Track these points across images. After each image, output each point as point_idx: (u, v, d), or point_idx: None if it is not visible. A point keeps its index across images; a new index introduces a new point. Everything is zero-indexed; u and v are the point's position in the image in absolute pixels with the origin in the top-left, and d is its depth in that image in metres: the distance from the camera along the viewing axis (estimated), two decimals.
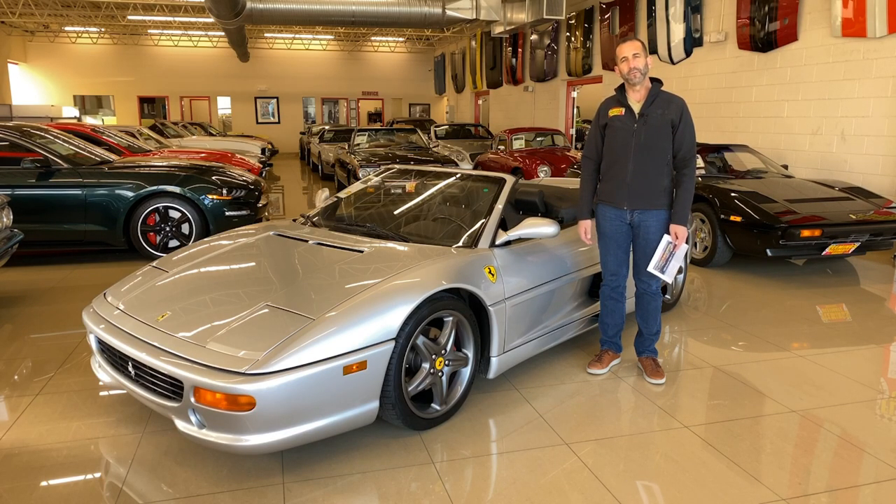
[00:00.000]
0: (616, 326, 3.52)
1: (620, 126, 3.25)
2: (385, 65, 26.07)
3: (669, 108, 3.20)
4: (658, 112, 3.20)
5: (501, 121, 18.77)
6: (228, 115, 24.76)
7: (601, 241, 3.43)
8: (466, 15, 11.62)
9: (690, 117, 3.24)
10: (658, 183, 3.23)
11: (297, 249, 3.26)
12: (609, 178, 3.33)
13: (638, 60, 3.15)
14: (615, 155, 3.28)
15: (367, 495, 2.38)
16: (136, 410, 3.04)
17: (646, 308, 3.44)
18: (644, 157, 3.20)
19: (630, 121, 3.23)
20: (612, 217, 3.34)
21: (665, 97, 3.23)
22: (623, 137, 3.24)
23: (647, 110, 3.20)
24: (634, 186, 3.23)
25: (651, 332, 3.48)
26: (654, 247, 3.29)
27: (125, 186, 5.99)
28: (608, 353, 3.55)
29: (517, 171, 10.55)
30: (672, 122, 3.20)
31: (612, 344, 3.57)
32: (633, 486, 2.45)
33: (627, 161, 3.23)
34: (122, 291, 3.07)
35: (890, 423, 2.97)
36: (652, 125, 3.19)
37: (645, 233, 3.29)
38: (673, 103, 3.22)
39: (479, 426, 2.91)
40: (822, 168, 8.29)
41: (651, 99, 3.21)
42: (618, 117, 3.26)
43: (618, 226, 3.33)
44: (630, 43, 3.19)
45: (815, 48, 8.29)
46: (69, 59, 22.26)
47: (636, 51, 3.16)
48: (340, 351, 2.39)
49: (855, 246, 5.41)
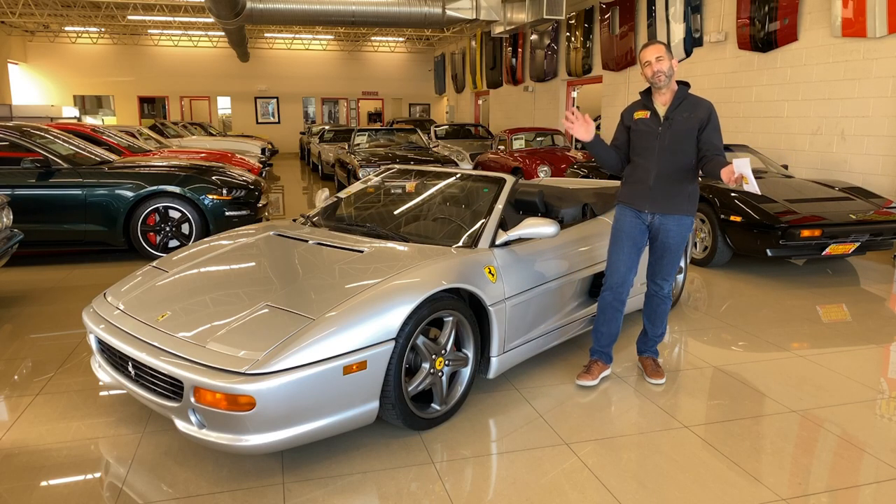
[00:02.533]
0: (611, 336, 3.40)
1: (645, 129, 3.21)
2: (385, 65, 26.07)
3: (697, 111, 3.15)
4: (684, 115, 3.15)
5: (501, 121, 18.77)
6: (228, 115, 24.77)
7: (615, 241, 3.33)
8: (466, 15, 11.62)
9: (718, 120, 3.17)
10: (682, 187, 3.20)
11: (297, 249, 3.26)
12: (632, 181, 3.29)
13: (662, 63, 3.10)
14: (639, 158, 3.25)
15: (367, 495, 2.38)
16: (136, 410, 3.04)
17: (655, 310, 3.43)
18: (668, 161, 3.16)
19: (654, 124, 3.18)
20: (631, 216, 3.29)
21: (693, 100, 3.18)
22: (647, 140, 3.20)
23: (672, 114, 3.15)
24: (657, 190, 3.20)
25: (656, 334, 3.47)
26: (672, 252, 3.26)
27: (125, 186, 5.99)
28: (598, 364, 3.41)
29: (517, 171, 10.56)
30: (700, 123, 3.13)
31: (603, 354, 3.43)
32: (633, 486, 2.45)
33: (650, 165, 3.19)
34: (122, 291, 3.07)
35: (890, 423, 2.97)
36: (677, 129, 3.14)
37: (664, 237, 3.25)
38: (701, 106, 3.16)
39: (479, 426, 2.91)
40: (822, 168, 8.29)
41: (677, 102, 3.16)
42: (643, 120, 3.22)
43: (636, 224, 3.28)
44: (653, 46, 3.14)
45: (815, 48, 8.29)
46: (69, 59, 22.26)
47: (659, 54, 3.11)
48: (340, 351, 2.39)
49: (855, 246, 5.41)
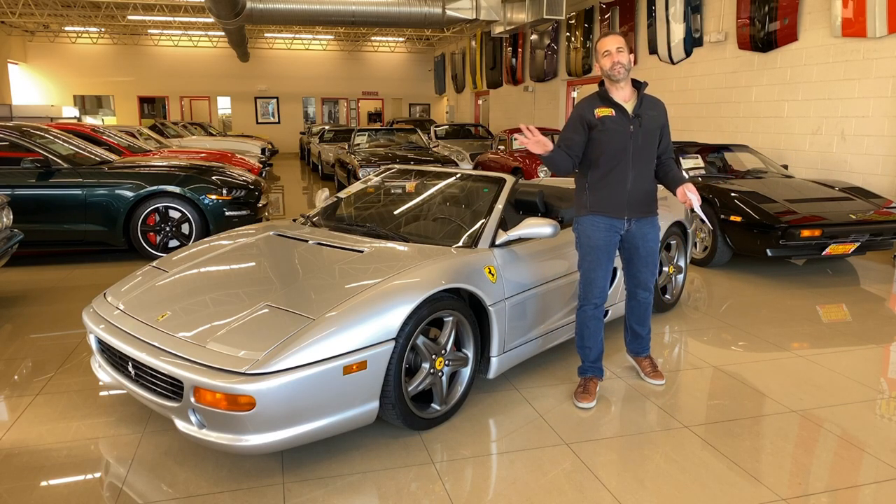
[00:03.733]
0: (599, 351, 3.23)
1: (615, 128, 3.02)
2: (385, 65, 26.06)
3: (658, 111, 3.12)
4: (651, 114, 3.08)
5: (501, 121, 18.76)
6: (228, 115, 24.76)
7: (590, 257, 3.13)
8: (466, 15, 11.61)
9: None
10: (652, 188, 3.17)
11: (297, 249, 3.26)
12: (605, 185, 3.08)
13: (622, 55, 2.98)
14: (612, 161, 3.04)
15: (367, 495, 2.38)
16: (136, 410, 3.03)
17: (643, 313, 3.35)
18: (642, 162, 3.07)
19: (625, 122, 3.02)
20: (605, 227, 3.10)
21: (651, 99, 3.12)
22: (619, 141, 3.02)
23: (640, 111, 3.04)
24: (635, 194, 3.08)
25: (647, 332, 3.42)
26: (654, 255, 3.22)
27: (125, 186, 5.99)
28: (593, 381, 3.23)
29: (517, 171, 10.55)
30: (661, 124, 3.11)
31: (596, 370, 3.25)
32: (633, 486, 2.45)
33: (627, 167, 3.04)
34: (122, 291, 3.07)
35: (890, 423, 2.97)
36: (647, 127, 3.06)
37: (643, 241, 3.17)
38: (659, 105, 3.14)
39: (479, 426, 2.91)
40: (822, 168, 8.29)
41: (641, 99, 3.07)
42: (610, 118, 3.02)
43: (611, 237, 3.12)
44: (613, 37, 3.02)
45: (815, 48, 8.29)
46: (69, 59, 22.25)
47: (619, 44, 2.99)
48: (340, 351, 2.39)
49: (855, 246, 5.40)
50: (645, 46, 11.74)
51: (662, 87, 11.30)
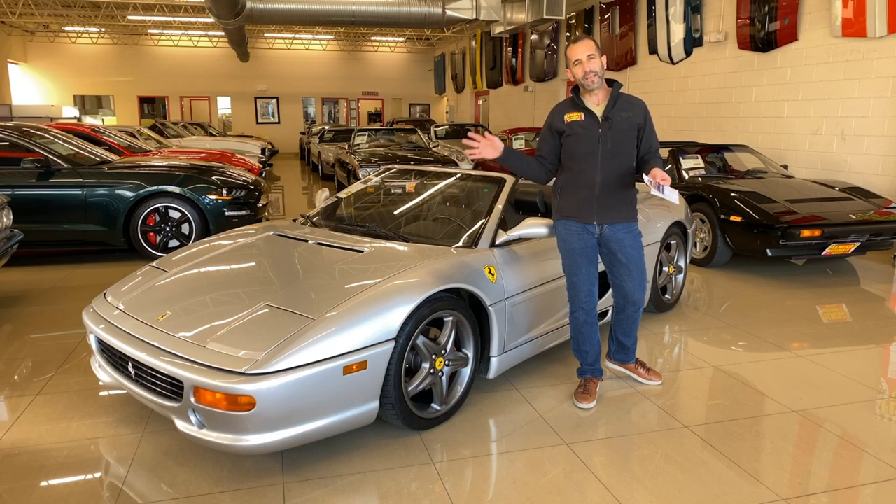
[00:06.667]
0: (596, 353, 3.19)
1: (583, 132, 2.93)
2: (385, 65, 26.06)
3: (634, 111, 2.96)
4: (623, 115, 2.93)
5: (501, 121, 18.77)
6: (228, 115, 24.76)
7: (569, 261, 3.07)
8: (466, 15, 11.61)
9: (652, 119, 3.03)
10: (626, 193, 3.01)
11: (297, 249, 3.26)
12: (573, 190, 3.00)
13: (593, 62, 2.85)
14: (579, 165, 2.96)
15: (367, 495, 2.38)
16: (136, 410, 3.03)
17: (631, 325, 3.23)
18: (612, 166, 2.94)
19: (593, 126, 2.92)
20: (578, 230, 3.02)
21: (626, 99, 2.98)
22: (588, 144, 2.92)
23: (610, 113, 2.92)
24: (603, 199, 2.96)
25: (633, 343, 3.31)
26: (636, 263, 3.05)
27: (125, 186, 5.99)
28: (593, 381, 3.21)
29: None
30: (638, 126, 2.96)
31: (595, 370, 3.22)
32: (633, 485, 2.45)
33: (595, 171, 2.93)
34: (122, 291, 3.07)
35: (890, 423, 2.97)
36: (618, 129, 2.92)
37: (621, 250, 3.03)
38: (636, 105, 2.99)
39: (479, 426, 2.91)
40: (822, 168, 8.29)
41: (613, 101, 2.94)
42: (578, 123, 2.93)
43: (586, 239, 3.02)
44: (582, 43, 2.88)
45: (815, 48, 8.29)
46: (69, 59, 22.25)
47: (590, 52, 2.85)
48: (340, 351, 2.39)
49: (855, 246, 5.40)
50: (645, 46, 11.74)
51: (662, 87, 11.30)
